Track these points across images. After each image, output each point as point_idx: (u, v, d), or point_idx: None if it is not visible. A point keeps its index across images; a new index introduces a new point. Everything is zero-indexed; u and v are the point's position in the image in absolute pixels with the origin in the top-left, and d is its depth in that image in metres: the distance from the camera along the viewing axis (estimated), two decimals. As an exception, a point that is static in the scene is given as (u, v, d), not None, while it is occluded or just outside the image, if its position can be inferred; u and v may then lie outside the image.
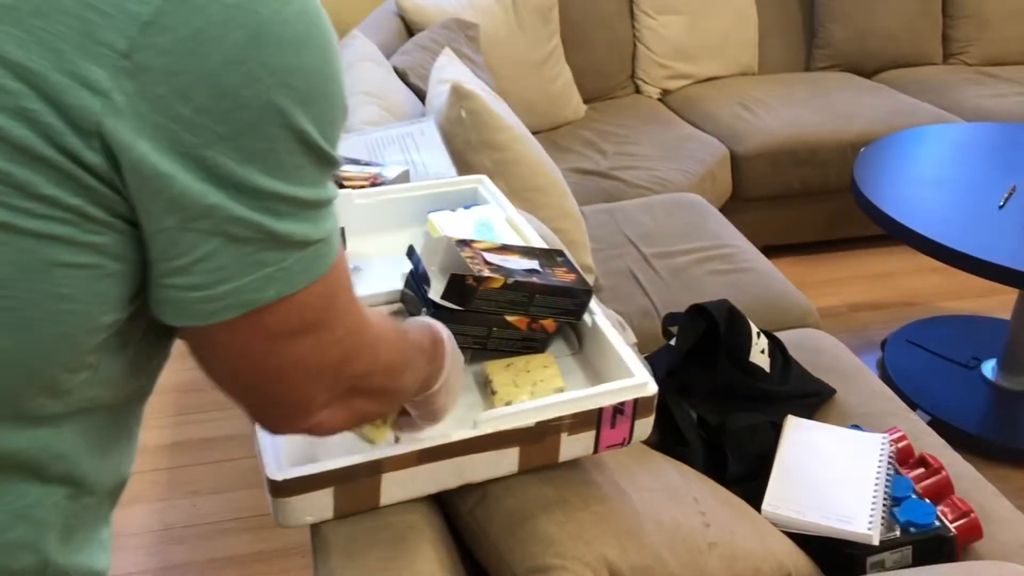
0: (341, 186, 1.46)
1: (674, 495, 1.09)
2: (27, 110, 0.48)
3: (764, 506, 1.27)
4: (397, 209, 1.41)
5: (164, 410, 2.34)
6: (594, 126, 3.02)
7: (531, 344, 1.11)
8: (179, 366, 2.50)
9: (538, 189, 1.80)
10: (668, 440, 1.41)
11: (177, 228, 0.52)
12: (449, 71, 2.01)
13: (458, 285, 1.03)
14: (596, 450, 1.00)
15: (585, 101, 3.20)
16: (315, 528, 0.95)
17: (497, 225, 1.32)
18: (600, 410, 0.97)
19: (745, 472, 1.36)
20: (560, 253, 1.17)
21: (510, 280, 1.05)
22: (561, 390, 1.05)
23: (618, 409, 0.98)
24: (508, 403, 1.02)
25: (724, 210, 2.89)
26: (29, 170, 0.49)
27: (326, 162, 0.57)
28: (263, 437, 0.93)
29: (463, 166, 1.77)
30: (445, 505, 1.04)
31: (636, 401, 0.98)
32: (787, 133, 2.91)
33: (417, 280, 1.09)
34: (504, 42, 2.89)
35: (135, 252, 0.54)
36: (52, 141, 0.49)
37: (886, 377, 2.40)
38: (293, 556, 1.91)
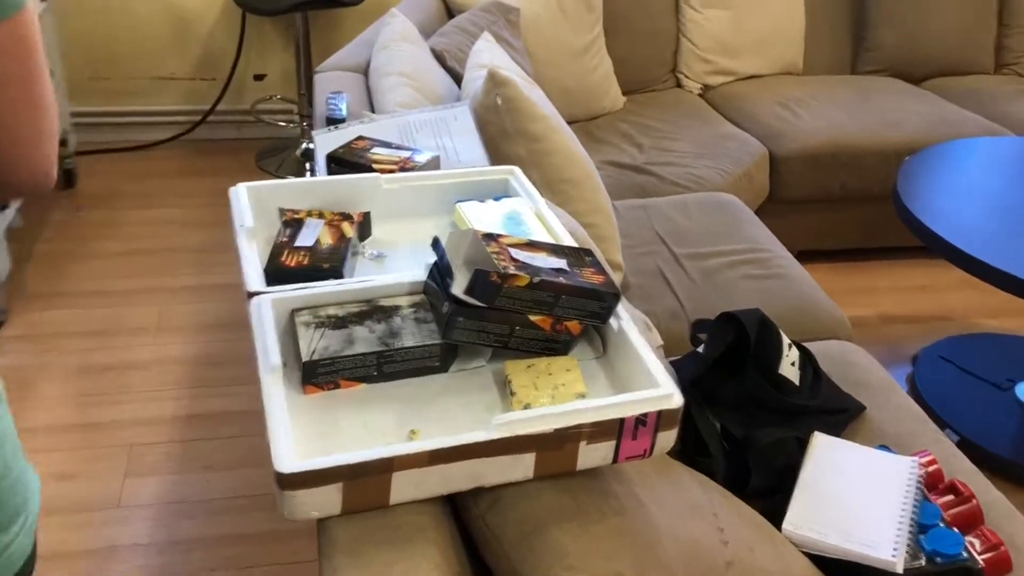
0: (370, 169, 1.43)
1: (694, 510, 1.05)
2: None
3: (785, 525, 1.23)
4: (425, 196, 1.38)
5: (181, 382, 2.33)
6: (632, 119, 2.97)
7: (554, 346, 1.08)
8: (197, 338, 2.49)
9: (571, 181, 1.76)
10: (690, 449, 1.38)
11: None
12: (486, 56, 1.97)
13: (482, 281, 1.00)
14: (615, 460, 0.97)
15: (624, 93, 3.15)
16: (322, 523, 0.92)
17: (526, 219, 1.29)
18: (622, 420, 0.93)
19: (767, 486, 1.32)
20: (589, 253, 1.13)
21: (536, 279, 1.01)
22: (583, 396, 1.01)
23: (640, 420, 0.94)
24: (527, 406, 0.99)
25: (759, 212, 2.83)
26: None
27: None
28: (273, 427, 0.90)
29: (496, 154, 1.73)
30: (457, 507, 1.01)
31: (660, 413, 0.95)
32: (829, 136, 2.84)
33: (440, 273, 1.06)
34: (545, 28, 2.84)
35: None
36: None
37: (915, 392, 2.35)
38: (305, 538, 1.89)
